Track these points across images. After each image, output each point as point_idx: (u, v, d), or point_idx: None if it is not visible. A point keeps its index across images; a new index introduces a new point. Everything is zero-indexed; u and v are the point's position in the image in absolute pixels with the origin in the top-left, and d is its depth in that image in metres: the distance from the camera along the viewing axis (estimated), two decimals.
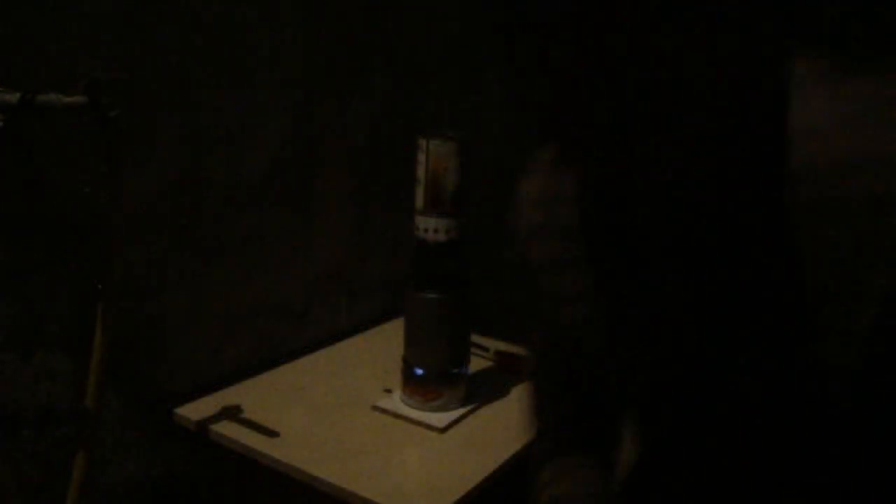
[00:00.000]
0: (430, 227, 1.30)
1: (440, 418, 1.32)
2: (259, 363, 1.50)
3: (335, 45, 1.57)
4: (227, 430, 1.26)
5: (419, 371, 1.34)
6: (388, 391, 1.43)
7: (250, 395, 1.39)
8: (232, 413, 1.31)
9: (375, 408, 1.37)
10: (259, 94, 1.42)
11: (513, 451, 1.22)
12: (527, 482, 0.81)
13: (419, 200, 1.30)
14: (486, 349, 1.57)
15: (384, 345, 1.64)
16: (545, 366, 0.81)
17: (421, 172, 1.29)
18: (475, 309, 1.38)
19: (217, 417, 1.29)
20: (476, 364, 1.42)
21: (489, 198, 1.81)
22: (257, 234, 1.47)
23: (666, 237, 0.62)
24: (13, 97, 0.89)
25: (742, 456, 0.63)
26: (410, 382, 1.36)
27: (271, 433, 1.25)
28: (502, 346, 1.58)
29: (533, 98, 0.54)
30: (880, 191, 0.50)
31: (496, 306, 1.50)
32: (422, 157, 1.29)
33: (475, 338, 1.44)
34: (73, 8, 1.09)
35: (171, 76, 1.25)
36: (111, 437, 1.23)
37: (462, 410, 1.35)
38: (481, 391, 1.41)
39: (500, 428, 1.31)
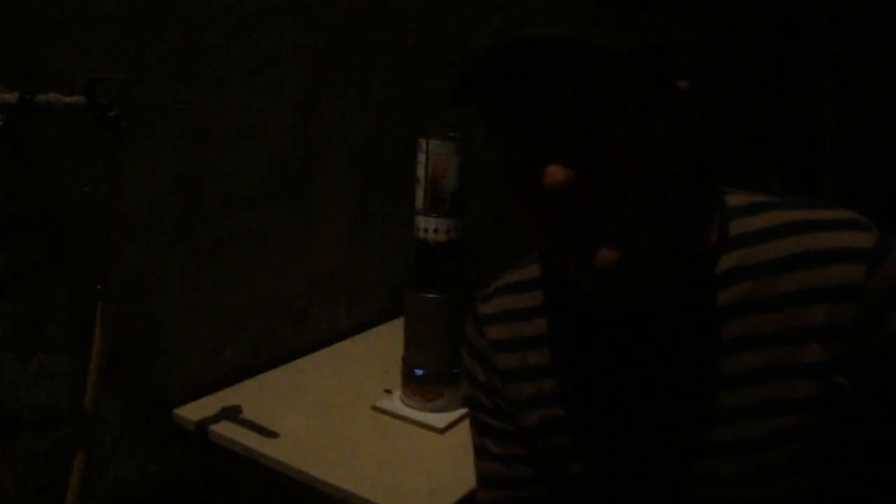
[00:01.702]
0: (430, 227, 1.30)
1: (440, 418, 1.31)
2: (259, 363, 1.50)
3: (335, 44, 1.57)
4: (227, 430, 1.26)
5: (419, 371, 1.34)
6: (388, 391, 1.43)
7: (250, 395, 1.39)
8: (232, 413, 1.31)
9: (375, 408, 1.37)
10: (259, 94, 1.42)
11: None
12: None
13: (419, 200, 1.30)
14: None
15: (384, 345, 1.64)
16: None
17: (421, 172, 1.29)
18: None
19: (217, 418, 1.29)
20: None
21: (489, 198, 1.81)
22: (257, 235, 1.47)
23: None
24: (13, 97, 0.89)
25: None
26: (410, 383, 1.35)
27: (271, 433, 1.25)
28: None
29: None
30: (803, 283, 0.62)
31: None
32: (422, 157, 1.29)
33: None
34: (73, 8, 1.09)
35: (171, 76, 1.25)
36: (111, 437, 1.23)
37: (462, 410, 1.35)
38: None
39: None
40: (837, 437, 0.62)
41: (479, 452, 0.82)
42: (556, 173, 0.55)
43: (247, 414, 1.31)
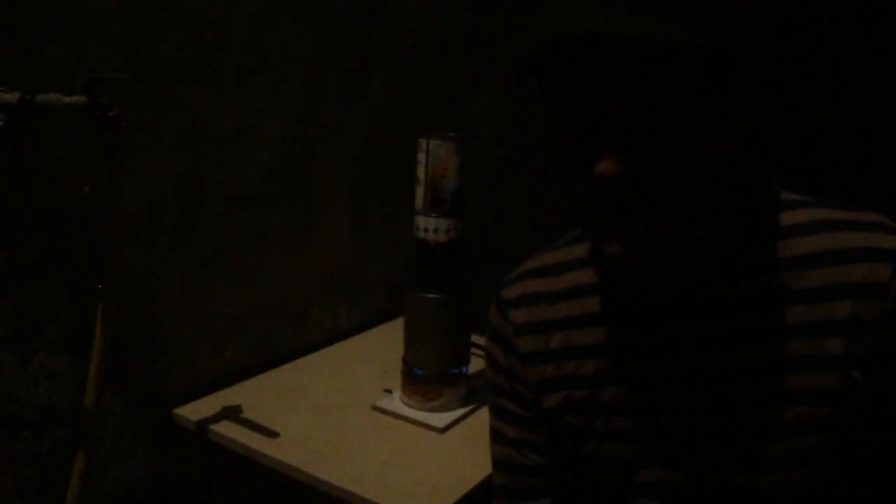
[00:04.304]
0: (430, 227, 1.30)
1: (440, 418, 1.32)
2: (259, 363, 1.50)
3: (335, 44, 1.57)
4: (227, 430, 1.26)
5: (419, 371, 1.34)
6: (388, 391, 1.43)
7: (250, 395, 1.39)
8: (232, 413, 1.31)
9: (375, 408, 1.37)
10: (259, 94, 1.42)
11: None
12: None
13: (419, 200, 1.30)
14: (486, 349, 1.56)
15: (384, 345, 1.64)
16: None
17: (421, 172, 1.29)
18: (475, 309, 1.37)
19: (217, 417, 1.29)
20: (476, 364, 1.42)
21: (489, 198, 1.81)
22: (257, 235, 1.47)
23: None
24: (13, 97, 0.89)
25: None
26: (410, 382, 1.35)
27: (271, 433, 1.25)
28: None
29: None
30: (831, 279, 0.64)
31: None
32: (422, 157, 1.29)
33: (475, 338, 1.44)
34: (73, 8, 1.09)
35: (171, 76, 1.25)
36: (111, 437, 1.23)
37: (462, 410, 1.35)
38: (481, 391, 1.41)
39: None
40: (853, 431, 0.64)
41: (495, 436, 0.84)
42: (608, 165, 0.57)
43: (247, 414, 1.31)
